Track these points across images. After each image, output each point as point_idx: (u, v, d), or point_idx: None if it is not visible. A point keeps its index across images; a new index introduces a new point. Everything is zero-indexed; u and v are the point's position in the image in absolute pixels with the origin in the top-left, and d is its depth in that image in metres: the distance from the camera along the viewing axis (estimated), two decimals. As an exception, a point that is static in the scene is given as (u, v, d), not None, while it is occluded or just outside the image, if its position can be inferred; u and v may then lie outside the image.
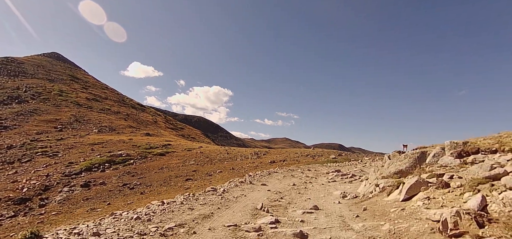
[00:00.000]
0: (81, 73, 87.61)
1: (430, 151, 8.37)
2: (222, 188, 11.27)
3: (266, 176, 14.57)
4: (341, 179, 13.44)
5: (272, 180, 13.84)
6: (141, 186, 19.66)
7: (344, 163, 20.92)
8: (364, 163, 20.42)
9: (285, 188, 11.56)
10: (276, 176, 14.84)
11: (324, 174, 15.87)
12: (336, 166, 19.64)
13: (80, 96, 63.85)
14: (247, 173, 17.25)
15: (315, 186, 11.90)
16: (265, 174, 15.26)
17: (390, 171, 8.69)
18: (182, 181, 20.22)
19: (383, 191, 7.89)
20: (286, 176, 15.08)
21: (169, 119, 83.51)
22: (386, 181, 8.13)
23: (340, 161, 21.68)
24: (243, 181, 12.69)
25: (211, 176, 21.02)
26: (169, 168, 24.99)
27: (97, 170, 24.38)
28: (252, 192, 10.73)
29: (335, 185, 12.22)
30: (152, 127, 63.17)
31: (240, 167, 23.20)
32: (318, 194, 10.32)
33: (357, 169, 17.16)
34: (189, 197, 9.73)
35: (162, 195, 16.33)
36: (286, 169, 17.52)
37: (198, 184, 18.36)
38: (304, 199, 9.35)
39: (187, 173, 22.76)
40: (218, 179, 19.39)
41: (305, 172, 16.80)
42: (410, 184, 6.53)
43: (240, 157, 29.00)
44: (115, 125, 53.02)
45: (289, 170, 17.31)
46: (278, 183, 12.88)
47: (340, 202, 8.50)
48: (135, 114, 69.29)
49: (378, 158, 21.89)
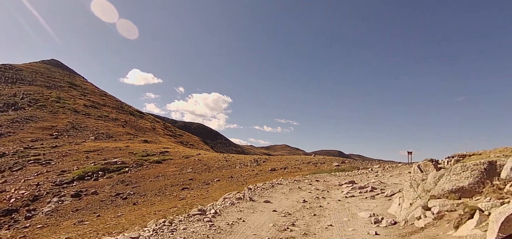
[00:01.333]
0: (80, 80, 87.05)
1: (501, 161, 5.85)
2: (213, 209, 8.57)
3: (269, 189, 12.37)
4: (359, 193, 11.14)
5: (277, 194, 11.62)
6: (134, 196, 18.68)
7: (354, 172, 18.90)
8: (375, 171, 18.24)
9: (295, 207, 9.22)
10: (281, 189, 12.66)
11: (336, 186, 13.68)
12: (346, 175, 17.55)
13: (78, 103, 63.12)
14: (247, 184, 16.14)
15: (331, 204, 9.67)
16: (268, 187, 12.90)
17: (443, 188, 6.20)
18: (178, 190, 19.25)
19: (442, 219, 5.64)
20: (293, 189, 12.81)
21: (167, 126, 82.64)
22: (443, 203, 5.90)
23: (348, 169, 20.04)
24: (241, 197, 10.34)
25: (209, 184, 20.05)
26: (165, 176, 24.01)
27: (90, 179, 23.40)
28: (253, 214, 8.40)
29: (356, 201, 9.93)
30: (150, 134, 62.25)
31: (239, 175, 22.24)
32: (339, 216, 8.02)
33: (373, 179, 14.74)
34: (163, 227, 6.75)
35: (156, 205, 15.36)
36: (291, 180, 15.19)
37: (194, 194, 17.38)
38: (324, 226, 7.07)
39: (183, 181, 21.78)
40: (215, 188, 18.42)
41: (314, 183, 14.56)
42: (506, 215, 3.99)
43: (239, 165, 28.03)
44: (113, 132, 52.12)
45: (295, 181, 15.00)
46: (284, 199, 10.59)
47: (377, 234, 6.25)
48: (133, 121, 68.42)
49: (388, 165, 20.63)
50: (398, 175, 15.16)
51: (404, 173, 15.19)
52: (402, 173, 15.67)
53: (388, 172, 17.20)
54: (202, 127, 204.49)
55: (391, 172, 16.66)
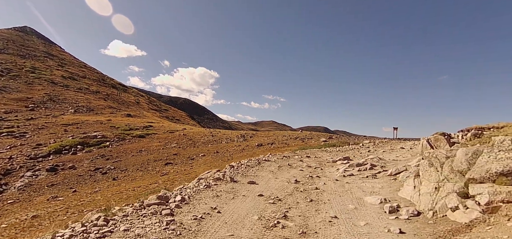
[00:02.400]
0: (57, 50, 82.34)
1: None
2: (180, 195, 6.57)
3: (255, 167, 10.66)
4: (358, 171, 9.69)
5: (264, 173, 9.83)
6: (115, 171, 17.85)
7: (345, 147, 17.95)
8: (367, 147, 17.39)
9: (286, 190, 7.61)
10: (269, 167, 10.93)
11: (329, 163, 12.27)
12: (338, 151, 16.41)
13: (55, 74, 59.90)
14: (232, 160, 15.52)
15: (329, 185, 8.14)
16: (254, 164, 11.10)
17: (488, 170, 4.69)
18: (161, 165, 18.54)
19: (497, 213, 4.17)
20: (282, 166, 11.18)
21: (152, 100, 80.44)
22: (493, 191, 4.41)
23: (338, 144, 19.53)
24: (220, 178, 8.42)
25: (193, 160, 19.41)
26: (148, 151, 23.15)
27: (67, 153, 22.24)
28: (232, 201, 6.60)
29: (356, 181, 8.35)
30: (134, 108, 60.35)
31: (225, 151, 21.68)
32: (342, 202, 6.51)
33: (370, 156, 13.26)
34: (105, 221, 4.94)
35: (136, 181, 14.65)
36: (279, 156, 13.80)
37: (177, 169, 16.74)
38: (326, 218, 5.49)
39: (167, 156, 21.04)
40: (200, 163, 17.82)
41: (305, 160, 13.13)
42: None
43: (226, 140, 27.44)
44: (94, 105, 50.04)
45: (284, 157, 13.55)
46: (272, 179, 8.90)
47: (402, 232, 4.67)
48: (116, 94, 65.94)
49: (378, 141, 20.43)
50: (391, 150, 14.63)
51: (397, 148, 14.87)
52: (394, 148, 15.24)
53: (379, 147, 16.72)
54: (188, 102, 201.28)
55: (383, 147, 16.27)
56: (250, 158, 13.84)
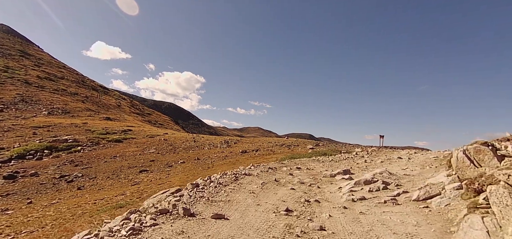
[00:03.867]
0: (34, 50, 78.56)
1: None
2: None
3: (230, 185, 7.91)
4: (369, 191, 7.48)
5: (241, 196, 7.00)
6: (82, 179, 16.14)
7: (337, 157, 15.80)
8: (361, 156, 15.60)
9: (271, 233, 4.80)
10: (249, 184, 8.26)
11: (327, 178, 9.91)
12: (331, 161, 14.09)
13: (30, 74, 56.73)
14: (210, 170, 14.03)
15: (338, 219, 5.58)
16: (229, 181, 8.36)
17: None
18: (135, 173, 16.96)
19: None
20: (267, 182, 8.58)
21: (135, 104, 77.79)
22: None
23: (329, 153, 17.84)
24: (167, 210, 5.39)
25: (171, 167, 17.94)
26: (123, 157, 21.45)
27: (32, 158, 20.24)
28: None
29: (374, 212, 5.90)
30: (114, 111, 57.84)
31: (207, 157, 20.31)
32: None
33: (367, 167, 11.53)
34: None
35: (104, 190, 13.07)
36: (264, 168, 11.11)
37: (152, 177, 15.24)
38: None
39: (143, 163, 19.45)
40: (178, 171, 16.38)
41: (295, 173, 10.66)
42: None
43: (208, 146, 26.04)
44: (71, 107, 47.44)
45: (269, 169, 10.89)
46: (252, 209, 6.07)
47: None
48: (96, 96, 63.15)
49: (371, 149, 19.40)
50: (389, 160, 13.23)
51: (393, 158, 13.61)
52: (391, 158, 13.92)
53: (375, 156, 15.24)
54: (173, 106, 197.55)
55: (379, 156, 15.02)
56: (228, 169, 12.22)
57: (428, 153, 14.95)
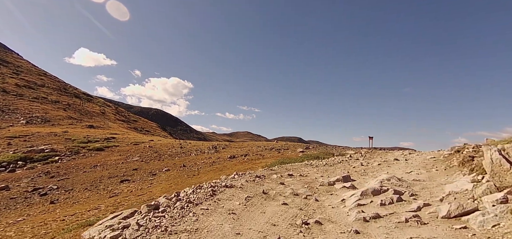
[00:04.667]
0: (12, 57, 75.55)
1: None
2: None
3: (205, 203, 6.49)
4: (382, 206, 5.99)
5: (215, 219, 5.58)
6: (57, 192, 14.97)
7: (331, 160, 14.70)
8: (356, 158, 14.68)
9: None
10: (229, 200, 6.89)
11: (324, 187, 8.37)
12: (325, 165, 12.80)
13: (7, 82, 54.31)
14: (196, 177, 13.14)
15: None
16: (204, 196, 6.95)
17: None
18: (116, 183, 15.90)
19: None
20: (252, 197, 7.18)
21: (120, 110, 75.67)
22: None
23: (322, 156, 16.58)
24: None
25: (155, 175, 16.96)
26: (104, 166, 20.27)
27: (4, 170, 18.83)
28: None
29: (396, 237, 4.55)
30: (98, 119, 55.95)
31: (193, 164, 19.40)
32: None
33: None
34: None
35: (78, 204, 12.02)
36: (250, 177, 9.46)
37: (133, 187, 14.25)
38: None
39: (125, 172, 18.37)
40: (162, 179, 15.43)
41: (287, 181, 9.14)
42: None
43: (195, 152, 25.10)
44: (51, 116, 45.50)
45: (256, 178, 9.30)
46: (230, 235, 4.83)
47: None
48: (78, 104, 61.03)
49: (365, 152, 18.70)
50: (385, 162, 12.39)
51: (390, 160, 12.97)
52: (387, 160, 13.17)
53: (371, 159, 14.33)
54: (161, 112, 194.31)
55: (374, 158, 14.26)
56: (215, 176, 11.43)
57: (423, 153, 14.57)
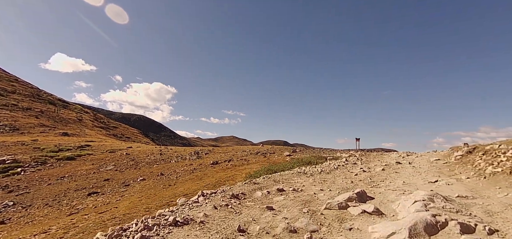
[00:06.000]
0: (-19, 62, 70.89)
1: None
2: None
3: None
4: None
5: None
6: (12, 209, 13.07)
7: (325, 165, 12.76)
8: (354, 163, 12.97)
9: None
10: None
11: (336, 214, 5.27)
12: (321, 173, 10.47)
13: (-27, 89, 50.53)
14: (173, 187, 11.62)
15: None
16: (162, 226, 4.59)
17: None
18: (82, 196, 14.15)
19: None
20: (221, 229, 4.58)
21: (99, 117, 72.37)
22: None
23: (315, 161, 14.32)
24: None
25: (128, 186, 15.31)
26: (73, 177, 18.37)
27: (-46, 186, 16.60)
28: None
29: None
30: (74, 126, 52.92)
31: (172, 172, 17.85)
32: None
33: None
34: None
35: (32, 224, 10.30)
36: (224, 198, 6.54)
37: (100, 201, 12.59)
38: None
39: (96, 183, 16.59)
40: (134, 191, 13.84)
41: (276, 204, 6.22)
42: None
43: (176, 158, 23.49)
44: (21, 124, 42.46)
45: (231, 199, 6.59)
46: None
47: None
48: (52, 111, 57.69)
49: (360, 154, 17.28)
50: (388, 167, 10.80)
51: (391, 163, 11.52)
52: (390, 163, 11.60)
53: (370, 163, 12.61)
54: (143, 118, 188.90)
55: (373, 162, 12.70)
56: (192, 186, 9.88)
57: (422, 154, 13.72)
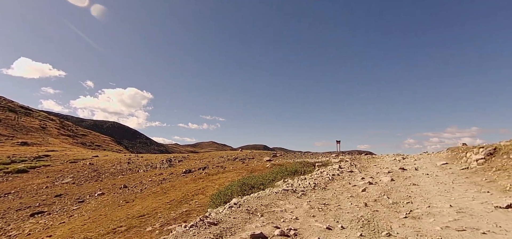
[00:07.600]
0: None
1: None
2: None
3: None
4: None
5: None
6: None
7: (315, 174, 10.23)
8: (348, 170, 10.83)
9: None
10: None
11: None
12: (314, 187, 7.66)
13: None
14: (131, 204, 9.66)
15: None
16: None
17: None
18: (24, 217, 11.81)
19: None
20: None
21: (66, 125, 67.53)
22: None
23: (302, 170, 11.16)
24: None
25: (83, 202, 13.10)
26: (19, 193, 15.77)
27: None
28: None
29: None
30: (36, 135, 48.58)
31: (138, 183, 15.77)
32: None
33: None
34: None
35: None
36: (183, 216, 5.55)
37: (43, 223, 10.41)
38: None
39: (44, 200, 14.19)
40: (88, 209, 11.71)
41: None
42: None
43: (145, 167, 21.28)
44: (-29, 133, 38.15)
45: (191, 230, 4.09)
46: None
47: None
48: (12, 119, 52.85)
49: (351, 159, 14.30)
50: (392, 174, 9.20)
51: (395, 170, 9.97)
52: (393, 170, 10.10)
53: (370, 170, 10.71)
54: (117, 125, 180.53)
55: (372, 169, 10.86)
56: (153, 202, 7.94)
57: (422, 157, 12.60)
